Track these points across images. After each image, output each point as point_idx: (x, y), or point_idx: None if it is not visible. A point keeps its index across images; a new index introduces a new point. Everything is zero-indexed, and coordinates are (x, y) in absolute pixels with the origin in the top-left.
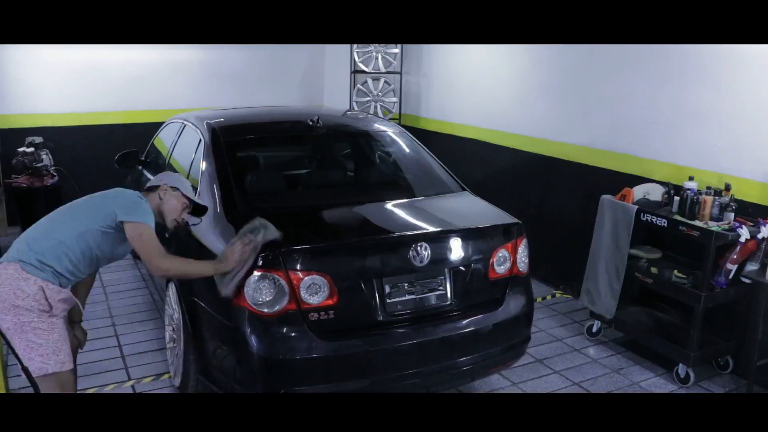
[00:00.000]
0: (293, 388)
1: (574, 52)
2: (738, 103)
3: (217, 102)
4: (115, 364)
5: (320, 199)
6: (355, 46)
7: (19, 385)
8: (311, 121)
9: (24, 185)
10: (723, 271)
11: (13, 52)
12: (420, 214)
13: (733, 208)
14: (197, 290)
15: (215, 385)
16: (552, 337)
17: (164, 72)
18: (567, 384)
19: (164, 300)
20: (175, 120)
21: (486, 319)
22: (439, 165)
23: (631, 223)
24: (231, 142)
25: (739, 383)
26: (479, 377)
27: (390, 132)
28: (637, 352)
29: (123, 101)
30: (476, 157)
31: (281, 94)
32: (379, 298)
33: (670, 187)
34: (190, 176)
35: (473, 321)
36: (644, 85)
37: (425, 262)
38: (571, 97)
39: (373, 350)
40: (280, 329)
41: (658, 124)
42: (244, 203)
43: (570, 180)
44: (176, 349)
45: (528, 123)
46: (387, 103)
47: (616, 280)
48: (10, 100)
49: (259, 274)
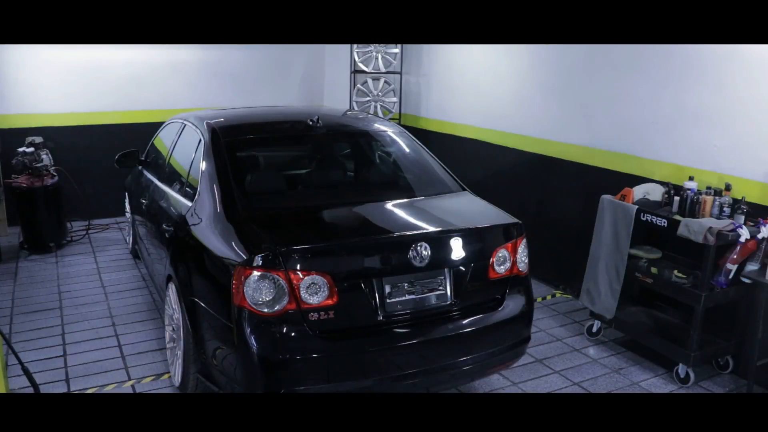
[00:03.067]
0: (293, 388)
1: (574, 52)
2: (738, 103)
3: (217, 102)
4: (115, 364)
5: (320, 199)
6: (355, 46)
7: (19, 385)
8: (311, 121)
9: (24, 185)
10: (723, 271)
11: (13, 52)
12: (420, 214)
13: (744, 211)
14: (197, 290)
15: (215, 385)
16: (552, 337)
17: (164, 72)
18: (567, 384)
19: (164, 300)
20: (175, 120)
21: (486, 319)
22: (439, 165)
23: (631, 223)
24: (231, 142)
25: (739, 383)
26: (479, 377)
27: (390, 132)
28: (637, 352)
29: (123, 101)
30: (476, 157)
31: (281, 94)
32: (379, 298)
33: (670, 187)
34: (190, 176)
35: (473, 321)
36: (644, 85)
37: (425, 262)
38: (571, 97)
39: (373, 350)
40: (280, 329)
41: (659, 124)
42: (244, 203)
43: (570, 180)
44: (176, 349)
45: (528, 123)
46: (387, 103)
47: (616, 280)
48: (10, 100)
49: (259, 274)
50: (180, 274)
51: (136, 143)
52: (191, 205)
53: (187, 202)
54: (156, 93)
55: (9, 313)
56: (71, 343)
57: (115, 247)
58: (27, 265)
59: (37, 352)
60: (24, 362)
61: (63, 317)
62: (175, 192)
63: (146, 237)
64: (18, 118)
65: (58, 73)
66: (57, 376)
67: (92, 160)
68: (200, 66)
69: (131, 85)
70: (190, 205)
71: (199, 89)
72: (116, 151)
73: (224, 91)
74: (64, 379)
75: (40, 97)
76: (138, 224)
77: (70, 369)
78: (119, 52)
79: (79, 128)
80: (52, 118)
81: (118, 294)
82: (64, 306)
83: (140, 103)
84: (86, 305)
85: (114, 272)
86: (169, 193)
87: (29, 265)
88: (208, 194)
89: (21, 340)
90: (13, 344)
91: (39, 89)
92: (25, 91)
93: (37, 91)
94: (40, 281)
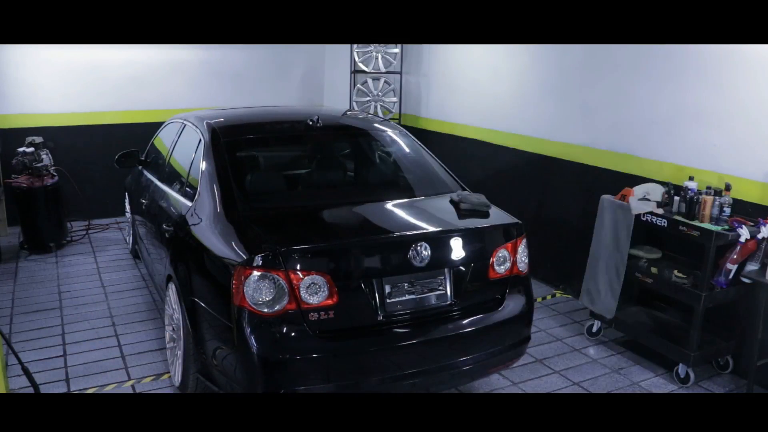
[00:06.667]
0: (293, 388)
1: (574, 52)
2: (738, 103)
3: (217, 102)
4: (115, 364)
5: (320, 199)
6: (355, 46)
7: (19, 385)
8: (311, 121)
9: (24, 185)
10: (723, 271)
11: (13, 52)
12: (420, 213)
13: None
14: (197, 290)
15: (215, 385)
16: (552, 337)
17: (164, 72)
18: (567, 384)
19: (164, 300)
20: (175, 120)
21: (486, 318)
22: (439, 165)
23: (631, 223)
24: (231, 142)
25: (739, 383)
26: (479, 377)
27: (390, 132)
28: (637, 352)
29: (123, 101)
30: (476, 157)
31: (281, 94)
32: (379, 298)
33: (670, 187)
34: (190, 176)
35: (473, 321)
36: (644, 85)
37: (425, 262)
38: (571, 97)
39: (373, 350)
40: (279, 329)
41: (659, 124)
42: (244, 203)
43: (570, 180)
44: (176, 349)
45: (528, 123)
46: (387, 103)
47: (616, 280)
48: (10, 100)
49: (259, 274)
50: (180, 274)
51: (136, 143)
52: (191, 205)
53: (187, 202)
54: (156, 93)
55: (9, 313)
56: (71, 343)
57: (115, 247)
58: (27, 265)
59: (37, 352)
60: (24, 362)
61: (63, 317)
62: (175, 192)
63: (146, 237)
64: (18, 118)
65: (58, 73)
66: (57, 376)
67: (92, 160)
68: (200, 66)
69: (131, 85)
70: (190, 205)
71: (199, 89)
72: (116, 151)
73: (224, 91)
74: (64, 379)
75: (40, 97)
76: (138, 224)
77: (70, 369)
78: (119, 52)
79: (79, 128)
80: (52, 118)
81: (118, 294)
82: (64, 306)
83: (140, 103)
84: (86, 305)
85: (114, 272)
86: (169, 193)
87: (29, 265)
88: (208, 194)
89: (21, 340)
90: (13, 344)
91: (39, 89)
92: (25, 91)
93: (37, 91)
94: (40, 281)
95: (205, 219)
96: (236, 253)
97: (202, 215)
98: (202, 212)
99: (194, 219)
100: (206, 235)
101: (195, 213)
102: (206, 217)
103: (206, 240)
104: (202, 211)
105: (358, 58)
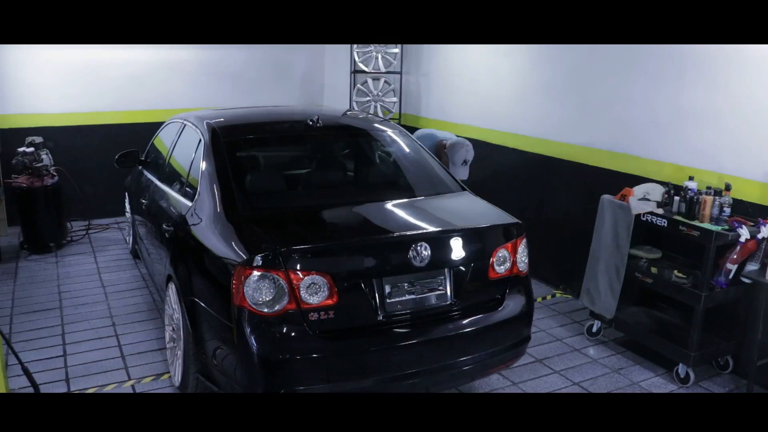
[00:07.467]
0: (293, 388)
1: (574, 52)
2: (738, 103)
3: (217, 102)
4: (115, 364)
5: (320, 199)
6: (355, 46)
7: (19, 385)
8: (311, 121)
9: (24, 185)
10: (723, 271)
11: (13, 52)
12: (420, 214)
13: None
14: (197, 290)
15: (215, 385)
16: (552, 337)
17: (164, 72)
18: (567, 384)
19: (164, 300)
20: (175, 120)
21: (486, 318)
22: (439, 165)
23: (631, 223)
24: (231, 142)
25: (739, 383)
26: (479, 377)
27: (390, 132)
28: (637, 352)
29: (122, 101)
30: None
31: (281, 94)
32: (379, 297)
33: (670, 187)
34: (190, 176)
35: (473, 321)
36: (644, 85)
37: (425, 262)
38: (571, 97)
39: (373, 350)
40: (280, 329)
41: (658, 124)
42: (244, 203)
43: (570, 180)
44: (176, 349)
45: (528, 123)
46: (387, 103)
47: (616, 280)
48: (10, 100)
49: (259, 274)
50: (180, 274)
51: (136, 143)
52: (191, 205)
53: (187, 202)
54: (156, 93)
55: (9, 313)
56: (71, 343)
57: (115, 247)
58: (27, 265)
59: (37, 352)
60: (24, 362)
61: (63, 317)
62: (175, 192)
63: (146, 237)
64: (18, 118)
65: (58, 73)
66: (57, 376)
67: (92, 160)
68: (200, 66)
69: (131, 85)
70: (190, 205)
71: (199, 89)
72: (116, 151)
73: (224, 91)
74: (64, 379)
75: (40, 97)
76: (138, 224)
77: (70, 369)
78: (119, 52)
79: (79, 128)
80: (52, 118)
81: (118, 294)
82: (64, 306)
83: (140, 103)
84: (86, 305)
85: (114, 272)
86: (169, 193)
87: (29, 265)
88: (208, 194)
89: (21, 340)
90: (13, 344)
91: (39, 89)
92: (25, 91)
93: (37, 91)
94: (40, 281)
95: (205, 219)
96: (236, 253)
97: (202, 215)
98: (202, 212)
99: (194, 219)
100: (206, 235)
101: (195, 213)
102: (206, 217)
103: (206, 240)
104: (202, 211)
105: (358, 58)
